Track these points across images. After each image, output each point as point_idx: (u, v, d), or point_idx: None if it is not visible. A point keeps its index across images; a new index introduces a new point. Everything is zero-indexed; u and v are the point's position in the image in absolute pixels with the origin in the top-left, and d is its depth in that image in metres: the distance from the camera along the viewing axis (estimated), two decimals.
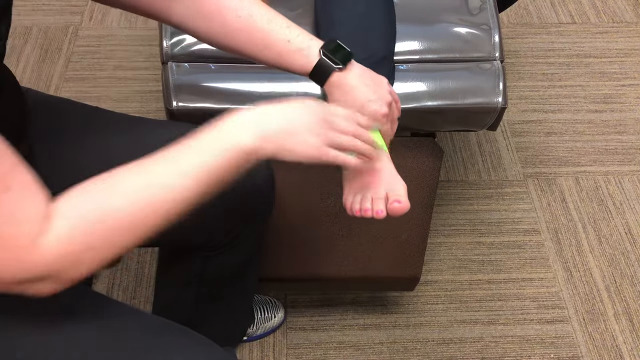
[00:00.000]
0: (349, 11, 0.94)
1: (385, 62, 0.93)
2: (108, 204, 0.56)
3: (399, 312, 1.40)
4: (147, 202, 0.57)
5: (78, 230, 0.55)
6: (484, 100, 1.01)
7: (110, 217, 0.56)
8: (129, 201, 0.57)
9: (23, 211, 0.52)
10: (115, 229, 0.56)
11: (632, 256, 1.51)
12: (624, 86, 1.87)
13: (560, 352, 1.35)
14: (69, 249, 0.54)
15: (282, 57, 0.74)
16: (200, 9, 0.75)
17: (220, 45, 0.78)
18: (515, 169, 1.67)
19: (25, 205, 0.53)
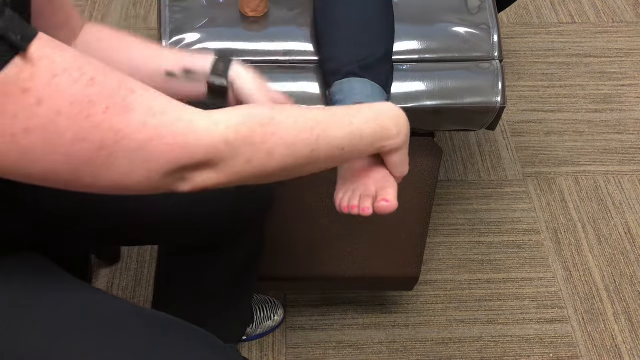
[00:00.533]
0: (347, 11, 0.94)
1: (383, 61, 0.93)
2: (274, 116, 0.59)
3: (398, 311, 1.40)
4: (308, 130, 0.60)
5: (243, 123, 0.56)
6: (483, 100, 1.01)
7: (274, 125, 0.58)
8: (294, 121, 0.60)
9: (160, 104, 0.53)
10: (275, 137, 0.58)
11: (632, 256, 1.51)
12: (624, 86, 1.87)
13: (559, 351, 1.35)
14: (233, 136, 0.55)
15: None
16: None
17: None
18: (514, 169, 1.67)
19: (159, 99, 0.54)
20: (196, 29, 1.01)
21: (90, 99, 0.49)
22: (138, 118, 0.51)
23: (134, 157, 0.52)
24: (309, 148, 0.61)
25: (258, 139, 0.57)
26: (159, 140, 0.52)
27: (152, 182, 0.54)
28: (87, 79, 0.49)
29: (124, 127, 0.51)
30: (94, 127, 0.49)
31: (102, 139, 0.50)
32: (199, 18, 1.02)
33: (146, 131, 0.52)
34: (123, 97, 0.51)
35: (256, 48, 1.01)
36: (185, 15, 1.02)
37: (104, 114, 0.50)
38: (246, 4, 1.01)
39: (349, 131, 0.64)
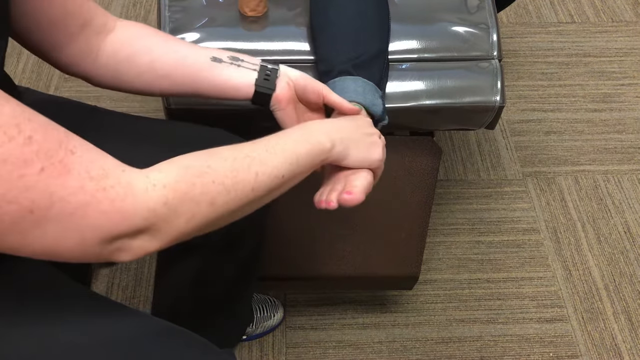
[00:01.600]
0: (340, 12, 0.94)
1: (377, 59, 0.93)
2: (209, 163, 0.58)
3: (398, 311, 1.40)
4: (246, 169, 0.60)
5: (178, 179, 0.55)
6: (482, 99, 1.01)
7: (212, 173, 0.57)
8: (230, 165, 0.59)
9: (99, 167, 0.51)
10: (217, 187, 0.57)
11: (631, 255, 1.51)
12: (623, 85, 1.87)
13: (559, 351, 1.36)
14: (172, 196, 0.54)
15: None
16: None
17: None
18: (514, 168, 1.67)
19: (98, 161, 0.52)
20: (196, 29, 1.01)
21: (25, 158, 0.47)
22: (75, 181, 0.49)
23: (68, 222, 0.49)
24: (249, 187, 0.60)
25: (198, 192, 0.55)
26: (95, 206, 0.50)
27: (86, 250, 0.51)
28: (24, 137, 0.47)
29: (59, 190, 0.48)
30: (27, 188, 0.47)
31: (34, 201, 0.47)
32: (198, 18, 1.02)
33: (82, 195, 0.49)
34: (61, 157, 0.49)
35: (255, 48, 1.01)
36: (184, 15, 1.02)
37: (38, 174, 0.47)
38: (245, 4, 1.01)
39: (283, 158, 0.64)
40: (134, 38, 0.77)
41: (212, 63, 0.77)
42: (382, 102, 0.90)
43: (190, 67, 0.77)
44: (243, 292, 1.13)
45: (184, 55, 0.77)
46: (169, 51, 0.77)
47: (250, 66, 0.78)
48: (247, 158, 0.61)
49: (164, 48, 0.77)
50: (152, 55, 0.77)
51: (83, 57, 0.75)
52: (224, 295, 1.06)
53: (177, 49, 0.78)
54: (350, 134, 0.73)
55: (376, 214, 1.15)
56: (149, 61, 0.77)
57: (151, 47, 0.77)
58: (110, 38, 0.77)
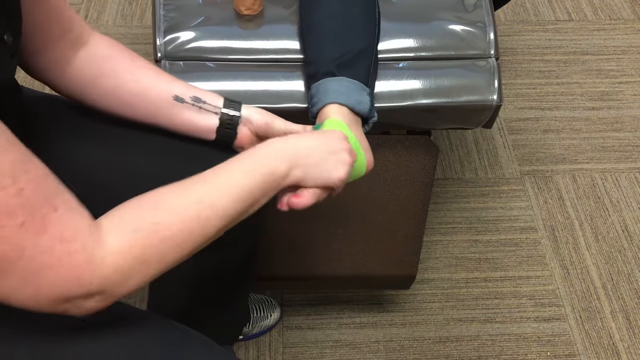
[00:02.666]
0: (326, 12, 0.94)
1: (362, 57, 0.92)
2: (159, 220, 0.58)
3: (395, 310, 1.40)
4: (195, 219, 0.59)
5: (132, 244, 0.55)
6: (479, 98, 1.01)
7: (162, 232, 0.57)
8: (179, 217, 0.59)
9: (72, 229, 0.52)
10: (167, 244, 0.57)
11: (629, 254, 1.51)
12: (621, 83, 1.86)
13: (557, 350, 1.35)
14: (124, 262, 0.55)
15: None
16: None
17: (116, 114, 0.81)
18: (512, 167, 1.66)
19: (73, 223, 0.53)
20: (191, 28, 1.00)
21: (10, 210, 0.48)
22: (48, 241, 0.50)
23: (28, 278, 0.50)
24: (200, 234, 0.60)
25: (148, 255, 0.56)
26: (56, 270, 0.51)
27: (38, 304, 0.53)
28: (15, 189, 0.48)
29: (30, 247, 0.49)
30: (2, 238, 0.48)
31: (3, 253, 0.48)
32: (194, 16, 1.01)
33: (49, 256, 0.50)
34: (43, 215, 0.50)
35: (251, 46, 1.00)
36: (180, 13, 1.01)
37: (18, 228, 0.48)
38: (241, 2, 1.00)
39: (235, 195, 0.62)
40: (102, 58, 0.77)
41: (174, 102, 0.77)
42: (370, 100, 0.89)
43: (151, 103, 0.77)
44: (239, 292, 1.12)
45: (147, 88, 0.77)
46: (133, 79, 0.77)
47: (212, 109, 0.78)
48: (195, 205, 0.60)
49: (129, 75, 0.77)
50: (117, 80, 0.77)
51: (53, 65, 0.75)
52: (220, 295, 1.06)
53: (141, 79, 0.77)
54: (311, 155, 0.70)
55: (373, 213, 1.14)
56: (113, 87, 0.77)
57: (117, 72, 0.77)
58: (81, 53, 0.76)
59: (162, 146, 0.84)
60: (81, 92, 0.77)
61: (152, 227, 0.57)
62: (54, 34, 0.73)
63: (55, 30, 0.73)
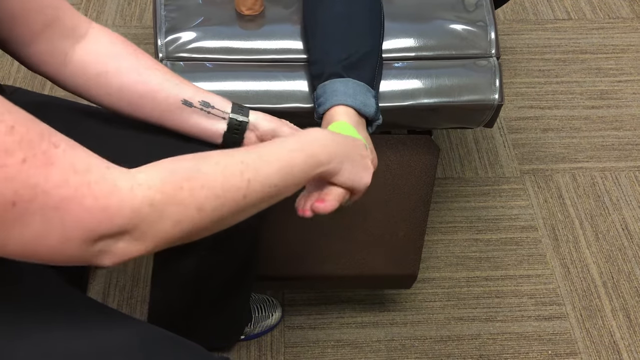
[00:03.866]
0: (330, 12, 0.94)
1: (368, 59, 0.92)
2: (199, 168, 0.56)
3: (396, 309, 1.40)
4: (238, 175, 0.58)
5: (165, 181, 0.53)
6: (481, 97, 1.01)
7: (201, 178, 0.55)
8: (222, 170, 0.57)
9: (83, 161, 0.50)
10: (204, 190, 0.55)
11: (629, 252, 1.51)
12: (620, 82, 1.87)
13: (557, 348, 1.36)
14: (157, 196, 0.52)
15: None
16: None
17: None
18: (512, 166, 1.67)
19: (83, 155, 0.50)
20: (192, 28, 1.00)
21: (7, 147, 0.45)
22: (58, 174, 0.47)
23: (50, 217, 0.47)
24: (240, 194, 0.58)
25: (186, 196, 0.54)
26: (78, 201, 0.48)
27: (67, 250, 0.49)
28: (5, 126, 0.45)
29: (42, 182, 0.46)
30: (8, 179, 0.45)
31: (16, 193, 0.45)
32: (194, 17, 1.01)
33: (66, 189, 0.47)
34: (44, 150, 0.47)
35: (252, 46, 1.00)
36: (180, 13, 1.01)
37: (21, 164, 0.46)
38: (242, 3, 1.00)
39: (278, 167, 0.62)
40: (106, 55, 0.75)
41: (182, 106, 0.76)
42: (376, 102, 0.90)
43: (158, 105, 0.76)
44: (240, 291, 1.12)
45: (155, 90, 0.76)
46: (140, 80, 0.75)
47: (220, 114, 0.78)
48: (239, 164, 0.59)
49: (136, 76, 0.75)
50: (122, 80, 0.75)
51: (48, 58, 0.73)
52: (222, 295, 1.06)
53: (148, 80, 0.76)
54: (348, 152, 0.71)
55: (374, 213, 1.14)
56: (118, 86, 0.75)
57: (122, 72, 0.75)
58: (81, 47, 0.74)
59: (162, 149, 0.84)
60: (83, 89, 0.76)
61: (192, 172, 0.55)
62: (36, 24, 0.70)
63: (37, 20, 0.70)
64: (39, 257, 0.50)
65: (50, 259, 0.50)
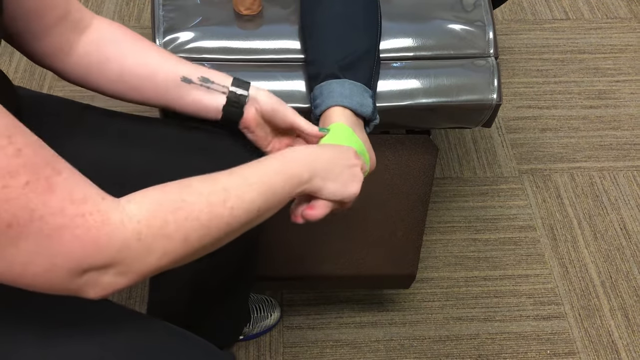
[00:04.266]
0: (328, 12, 0.94)
1: (365, 59, 0.92)
2: (184, 198, 0.57)
3: (395, 309, 1.40)
4: (221, 204, 0.59)
5: (155, 214, 0.54)
6: (479, 97, 1.01)
7: (188, 209, 0.56)
8: (206, 200, 0.58)
9: (82, 192, 0.51)
10: (192, 223, 0.56)
11: (628, 252, 1.51)
12: (618, 82, 1.87)
13: (556, 348, 1.36)
14: (145, 230, 0.53)
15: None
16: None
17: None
18: (510, 166, 1.67)
19: (82, 187, 0.51)
20: (190, 28, 1.00)
21: (11, 170, 0.46)
22: (57, 201, 0.48)
23: (43, 244, 0.48)
24: (224, 221, 0.59)
25: (171, 229, 0.55)
26: (71, 231, 0.49)
27: (53, 278, 0.50)
28: (13, 148, 0.47)
29: (40, 208, 0.47)
30: (8, 200, 0.46)
31: (13, 215, 0.46)
32: (192, 16, 1.01)
33: (61, 218, 0.48)
34: (47, 175, 0.48)
35: (250, 46, 1.00)
36: (178, 13, 1.01)
37: (22, 188, 0.47)
38: (240, 2, 1.00)
39: (262, 190, 0.63)
40: (106, 42, 0.76)
41: (181, 83, 0.77)
42: (373, 102, 0.90)
43: (159, 85, 0.77)
44: (239, 292, 1.12)
45: (154, 71, 0.77)
46: (139, 63, 0.77)
47: (220, 88, 0.78)
48: (223, 192, 0.60)
49: (135, 59, 0.77)
50: (122, 64, 0.76)
51: (56, 51, 0.75)
52: (220, 295, 1.06)
53: (148, 61, 0.77)
54: (331, 166, 0.72)
55: (373, 213, 1.14)
56: (119, 71, 0.76)
57: (122, 56, 0.76)
58: (84, 37, 0.76)
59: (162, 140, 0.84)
60: (86, 77, 0.77)
61: (177, 203, 0.56)
62: (51, 19, 0.72)
63: (51, 15, 0.72)
64: (23, 282, 0.50)
65: (34, 286, 0.51)
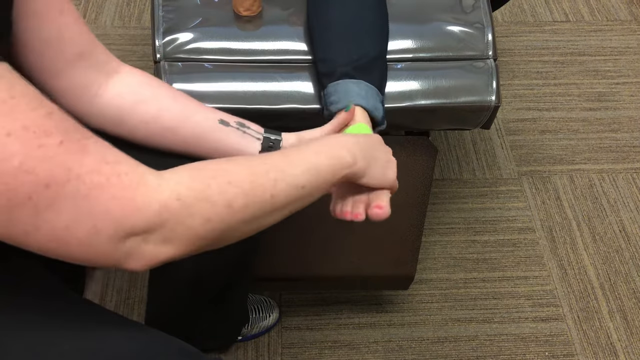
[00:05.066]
0: (340, 12, 0.94)
1: (377, 63, 0.93)
2: (225, 167, 0.56)
3: (393, 311, 1.40)
4: (264, 175, 0.58)
5: (192, 178, 0.53)
6: (478, 99, 1.01)
7: (228, 175, 0.56)
8: (247, 170, 0.57)
9: (114, 153, 0.51)
10: (232, 187, 0.55)
11: (626, 254, 1.51)
12: (618, 84, 1.87)
13: (554, 350, 1.36)
14: (185, 192, 0.52)
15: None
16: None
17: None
18: (509, 167, 1.67)
19: (113, 150, 0.51)
20: (189, 29, 1.00)
21: (46, 129, 0.46)
22: (92, 161, 0.48)
23: (80, 205, 0.48)
24: (268, 193, 0.58)
25: (214, 191, 0.54)
26: (108, 191, 0.49)
27: (97, 244, 0.49)
28: (45, 111, 0.47)
29: (76, 167, 0.47)
30: (45, 158, 0.46)
31: (50, 174, 0.46)
32: (192, 17, 1.01)
33: (97, 177, 0.48)
34: (79, 138, 0.49)
35: (250, 47, 1.00)
36: (178, 14, 1.01)
37: (58, 146, 0.47)
38: (240, 3, 1.00)
39: (305, 168, 0.62)
40: (142, 85, 0.76)
41: (220, 125, 0.77)
42: (383, 107, 0.90)
43: (198, 125, 0.77)
44: (237, 292, 1.12)
45: (193, 112, 0.77)
46: (177, 105, 0.76)
47: (255, 134, 0.79)
48: (264, 165, 0.59)
49: (173, 101, 0.76)
50: (159, 105, 0.75)
51: (81, 91, 0.73)
52: (219, 296, 1.06)
53: (186, 104, 0.77)
54: (371, 151, 0.71)
55: None
56: (156, 110, 0.75)
57: (159, 97, 0.76)
58: (117, 80, 0.74)
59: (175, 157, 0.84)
60: (117, 120, 0.75)
61: (218, 171, 0.55)
62: (70, 54, 0.70)
63: (71, 50, 0.70)
64: (70, 250, 0.49)
65: (80, 253, 0.50)
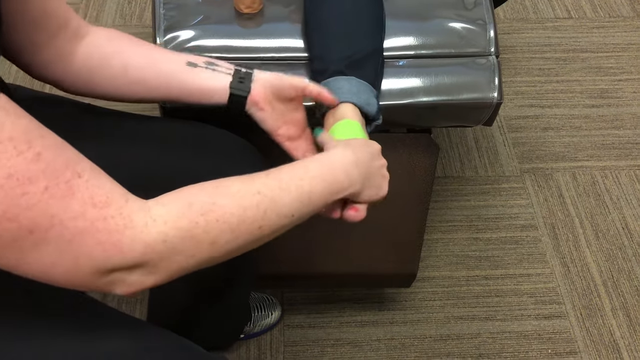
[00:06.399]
0: (335, 9, 0.94)
1: (371, 58, 0.93)
2: (215, 200, 0.56)
3: (396, 308, 1.40)
4: (254, 207, 0.58)
5: (182, 215, 0.53)
6: (480, 96, 1.00)
7: (218, 212, 0.55)
8: (238, 203, 0.57)
9: (104, 194, 0.50)
10: (221, 226, 0.55)
11: (629, 251, 1.51)
12: (621, 81, 1.86)
13: (557, 347, 1.35)
14: (172, 232, 0.52)
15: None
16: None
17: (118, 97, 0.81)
18: (512, 165, 1.66)
19: (104, 189, 0.51)
20: (191, 26, 1.00)
21: (30, 175, 0.46)
22: (77, 205, 0.48)
23: (65, 247, 0.48)
24: (256, 225, 0.58)
25: (200, 231, 0.54)
26: (92, 235, 0.49)
27: (79, 278, 0.50)
28: (33, 153, 0.46)
29: (60, 212, 0.47)
30: (28, 206, 0.46)
31: (34, 221, 0.47)
32: (193, 15, 1.01)
33: (82, 222, 0.48)
34: (67, 179, 0.48)
35: (251, 45, 1.00)
36: (179, 12, 1.01)
37: (42, 193, 0.47)
38: (241, 1, 1.00)
39: (297, 196, 0.61)
40: (106, 41, 0.77)
41: (187, 67, 0.77)
42: (377, 102, 0.90)
43: (164, 71, 0.77)
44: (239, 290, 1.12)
45: (158, 59, 0.77)
46: (142, 55, 0.77)
47: (225, 70, 0.78)
48: (257, 195, 0.58)
49: (137, 52, 0.77)
50: (124, 58, 0.76)
51: (56, 60, 0.75)
52: (221, 294, 1.06)
53: (150, 53, 0.77)
54: (368, 172, 0.71)
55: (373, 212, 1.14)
56: (121, 65, 0.76)
57: (124, 50, 0.76)
58: (84, 43, 0.76)
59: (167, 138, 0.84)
60: (88, 81, 0.77)
61: (208, 205, 0.55)
62: (53, 28, 0.72)
63: (54, 23, 0.72)
64: (55, 281, 0.51)
65: (65, 284, 0.51)
